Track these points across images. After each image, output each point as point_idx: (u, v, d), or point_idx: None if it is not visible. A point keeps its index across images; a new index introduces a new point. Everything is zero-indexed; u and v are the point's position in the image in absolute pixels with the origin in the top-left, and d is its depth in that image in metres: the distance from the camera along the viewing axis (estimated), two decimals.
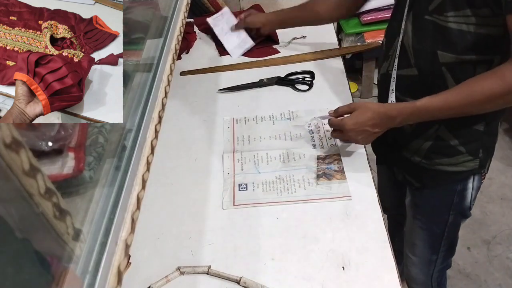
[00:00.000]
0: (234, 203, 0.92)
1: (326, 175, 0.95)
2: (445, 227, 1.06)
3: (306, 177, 0.95)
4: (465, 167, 0.96)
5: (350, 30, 2.21)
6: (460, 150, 0.94)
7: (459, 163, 0.95)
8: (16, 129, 0.37)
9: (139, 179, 0.61)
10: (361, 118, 0.89)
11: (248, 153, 1.02)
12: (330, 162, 0.98)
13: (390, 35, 0.96)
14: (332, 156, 0.99)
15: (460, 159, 0.95)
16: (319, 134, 1.05)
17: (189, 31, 1.44)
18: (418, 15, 0.86)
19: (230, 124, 1.11)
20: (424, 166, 0.98)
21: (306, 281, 0.78)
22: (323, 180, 0.94)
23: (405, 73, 0.92)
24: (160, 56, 0.82)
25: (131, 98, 0.72)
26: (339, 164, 0.97)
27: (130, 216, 0.57)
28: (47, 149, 0.52)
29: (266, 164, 0.99)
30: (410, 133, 0.96)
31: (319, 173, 0.96)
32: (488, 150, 0.97)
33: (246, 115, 1.13)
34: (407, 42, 0.90)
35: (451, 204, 1.02)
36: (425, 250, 1.13)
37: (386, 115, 0.87)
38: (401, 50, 0.92)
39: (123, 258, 0.53)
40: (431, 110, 0.83)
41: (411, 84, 0.91)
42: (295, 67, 1.26)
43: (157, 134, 0.72)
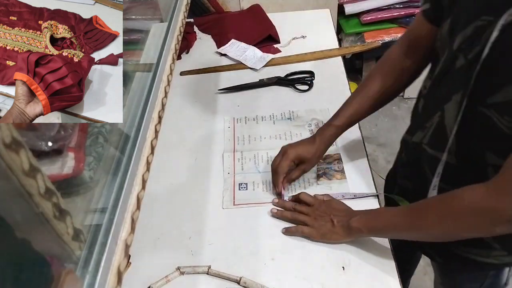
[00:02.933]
0: (234, 202, 0.92)
1: (326, 175, 0.95)
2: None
3: (306, 177, 0.95)
4: (499, 261, 0.82)
5: (350, 30, 2.21)
6: (494, 246, 0.79)
7: (491, 255, 0.81)
8: (16, 129, 0.37)
9: (139, 179, 0.61)
10: (335, 202, 0.85)
11: (248, 153, 1.02)
12: (330, 162, 0.98)
13: (431, 104, 0.78)
14: (332, 156, 0.99)
15: (493, 253, 0.81)
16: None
17: (189, 31, 1.44)
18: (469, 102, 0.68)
19: (231, 124, 1.11)
20: (449, 248, 0.85)
21: (306, 281, 0.78)
22: (323, 180, 0.94)
23: (442, 157, 0.75)
24: (160, 56, 0.82)
25: (131, 98, 0.72)
26: (339, 164, 0.97)
27: (130, 216, 0.57)
28: (47, 149, 0.52)
29: (267, 164, 0.99)
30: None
31: (319, 173, 0.96)
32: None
33: (246, 115, 1.13)
34: (448, 124, 0.73)
35: (483, 283, 0.90)
36: None
37: (348, 211, 0.82)
38: (438, 129, 0.76)
39: (123, 258, 0.53)
40: (385, 216, 0.76)
41: (448, 172, 0.76)
42: (295, 67, 1.26)
43: (157, 134, 0.72)
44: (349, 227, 0.79)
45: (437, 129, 0.76)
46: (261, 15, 1.50)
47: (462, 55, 0.68)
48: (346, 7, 2.17)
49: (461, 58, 0.68)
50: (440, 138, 0.75)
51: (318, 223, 0.82)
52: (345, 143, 1.01)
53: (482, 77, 0.64)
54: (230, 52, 1.35)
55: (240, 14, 1.58)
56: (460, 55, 0.69)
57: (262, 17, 1.49)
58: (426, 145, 0.79)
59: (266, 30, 1.41)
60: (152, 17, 0.94)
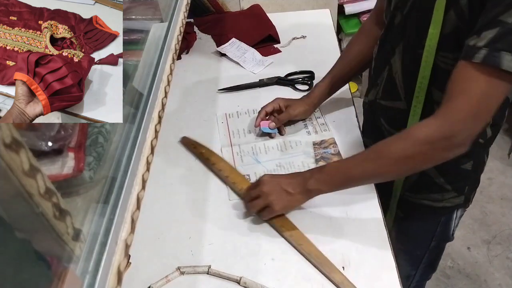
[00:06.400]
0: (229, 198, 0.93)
1: (324, 158, 0.99)
2: (426, 250, 1.06)
3: (305, 162, 0.99)
4: (450, 203, 0.95)
5: (350, 30, 2.21)
6: (446, 188, 0.92)
7: (444, 199, 0.94)
8: (16, 129, 0.37)
9: (139, 179, 0.61)
10: (277, 176, 0.88)
11: (245, 146, 1.05)
12: (326, 147, 1.02)
13: (379, 62, 0.91)
14: (327, 141, 1.03)
15: (446, 195, 0.93)
16: (311, 122, 1.08)
17: (189, 31, 1.44)
18: (409, 48, 0.81)
19: (223, 119, 1.13)
20: (408, 198, 0.97)
21: (306, 281, 0.78)
22: (322, 164, 0.97)
23: (394, 106, 0.89)
24: (160, 56, 0.82)
25: (131, 98, 0.72)
26: (334, 148, 1.01)
27: (130, 216, 0.57)
28: (47, 149, 0.52)
29: (265, 154, 1.01)
30: None
31: (317, 157, 0.99)
32: (474, 185, 0.95)
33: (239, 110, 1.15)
34: (395, 75, 0.86)
35: (435, 233, 1.02)
36: (404, 267, 1.11)
37: (298, 173, 0.85)
38: (388, 81, 0.88)
39: (123, 258, 0.53)
40: (342, 170, 0.80)
41: (401, 118, 0.87)
42: (295, 67, 1.26)
43: (157, 134, 0.72)
44: (308, 191, 0.82)
45: (387, 82, 0.88)
46: (261, 15, 1.50)
47: (399, 12, 0.82)
48: (346, 7, 2.17)
49: (398, 15, 0.82)
50: (391, 89, 0.87)
51: (272, 198, 0.83)
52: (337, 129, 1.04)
53: (414, 23, 0.78)
54: (230, 52, 1.34)
55: (240, 14, 1.58)
56: (397, 13, 0.82)
57: (262, 17, 1.49)
58: (380, 99, 0.92)
59: (266, 30, 1.41)
60: (152, 17, 0.94)
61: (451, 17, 0.71)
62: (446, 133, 0.70)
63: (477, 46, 0.64)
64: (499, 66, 0.62)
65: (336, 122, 1.08)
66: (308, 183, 0.82)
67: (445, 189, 0.92)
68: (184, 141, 1.06)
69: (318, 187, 0.81)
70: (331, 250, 0.81)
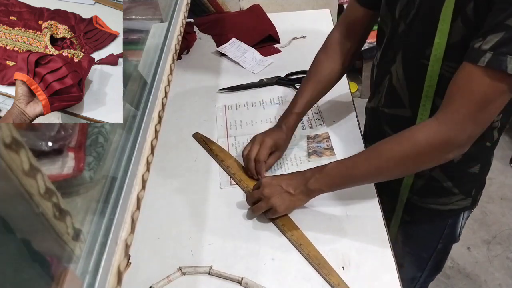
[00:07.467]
0: (231, 182, 0.96)
1: (317, 152, 1.01)
2: (433, 252, 1.06)
3: (298, 155, 1.01)
4: (458, 205, 0.94)
5: None
6: (454, 191, 0.92)
7: (451, 202, 0.94)
8: (16, 129, 0.36)
9: (139, 179, 0.61)
10: (278, 177, 0.88)
11: (241, 137, 1.07)
12: (319, 141, 1.03)
13: (381, 70, 0.90)
14: (321, 135, 1.05)
15: (453, 199, 0.93)
16: (307, 116, 1.10)
17: (189, 31, 1.44)
18: (411, 57, 0.81)
19: (222, 111, 1.15)
20: (415, 202, 0.97)
21: (306, 281, 0.77)
22: (314, 157, 1.00)
23: (398, 113, 0.88)
24: (160, 56, 0.82)
25: (131, 98, 0.72)
26: (327, 142, 1.03)
27: (130, 216, 0.57)
28: (47, 149, 0.52)
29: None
30: None
31: (309, 151, 1.01)
32: (481, 186, 0.95)
33: (242, 109, 1.15)
34: (397, 83, 0.85)
35: (442, 235, 1.02)
36: (410, 269, 1.11)
37: (299, 173, 0.85)
38: (389, 89, 0.88)
39: (123, 258, 0.53)
40: (342, 170, 0.80)
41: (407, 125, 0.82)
42: (295, 67, 1.26)
43: (157, 134, 0.72)
44: (309, 191, 0.82)
45: (388, 90, 0.88)
46: (261, 15, 1.50)
47: (402, 21, 0.80)
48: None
49: (402, 24, 0.81)
50: (393, 97, 0.87)
51: (274, 200, 0.83)
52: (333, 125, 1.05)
53: (418, 32, 0.77)
54: (230, 52, 1.34)
55: (240, 14, 1.58)
56: (401, 22, 0.81)
57: (262, 17, 1.49)
58: (383, 107, 0.92)
59: (266, 30, 1.41)
60: (152, 17, 0.94)
61: (458, 26, 0.70)
62: (446, 135, 0.70)
63: (482, 49, 0.64)
64: (504, 70, 0.62)
65: (336, 122, 1.08)
66: (309, 183, 0.82)
67: (453, 192, 0.92)
68: (197, 136, 1.09)
69: (319, 186, 0.81)
70: (331, 250, 0.81)
